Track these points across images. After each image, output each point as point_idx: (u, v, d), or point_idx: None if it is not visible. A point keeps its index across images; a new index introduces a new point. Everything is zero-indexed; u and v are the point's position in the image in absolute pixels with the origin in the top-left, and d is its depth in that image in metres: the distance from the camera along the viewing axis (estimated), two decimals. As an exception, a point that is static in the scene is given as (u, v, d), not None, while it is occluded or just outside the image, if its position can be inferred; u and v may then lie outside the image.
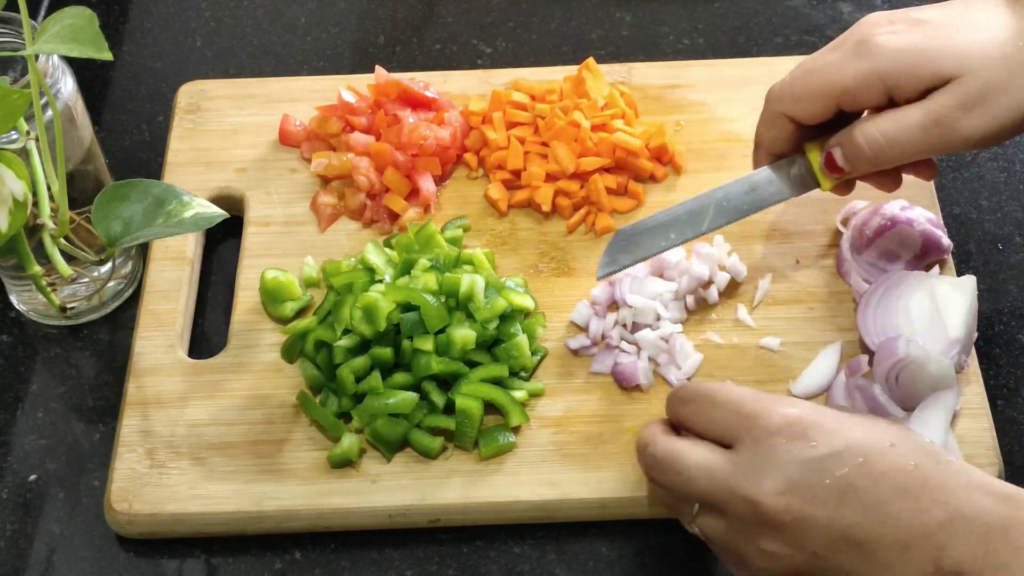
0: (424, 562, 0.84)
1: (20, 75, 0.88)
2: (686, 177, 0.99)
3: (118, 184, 0.83)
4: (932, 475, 0.69)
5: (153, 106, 1.08)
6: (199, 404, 0.88)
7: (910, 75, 0.76)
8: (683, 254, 0.93)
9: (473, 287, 0.86)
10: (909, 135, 0.76)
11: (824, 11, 1.13)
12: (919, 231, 0.90)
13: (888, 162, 0.78)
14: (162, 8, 1.16)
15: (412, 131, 0.97)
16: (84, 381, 0.93)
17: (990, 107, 0.74)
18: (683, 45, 1.11)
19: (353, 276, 0.89)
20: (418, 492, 0.84)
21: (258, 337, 0.92)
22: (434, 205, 0.98)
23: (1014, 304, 0.95)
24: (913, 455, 0.70)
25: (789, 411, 0.72)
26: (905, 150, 0.77)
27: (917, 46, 0.77)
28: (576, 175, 0.97)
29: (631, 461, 0.85)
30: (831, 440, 0.70)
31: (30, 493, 0.87)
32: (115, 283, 0.95)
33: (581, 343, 0.90)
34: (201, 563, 0.84)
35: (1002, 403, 0.89)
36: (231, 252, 0.98)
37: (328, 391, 0.88)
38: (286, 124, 1.02)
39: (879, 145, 0.77)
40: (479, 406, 0.85)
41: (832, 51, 0.82)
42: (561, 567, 0.83)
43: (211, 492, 0.84)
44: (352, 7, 1.16)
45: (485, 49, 1.12)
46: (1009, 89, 0.74)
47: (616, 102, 0.99)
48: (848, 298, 0.92)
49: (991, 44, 0.74)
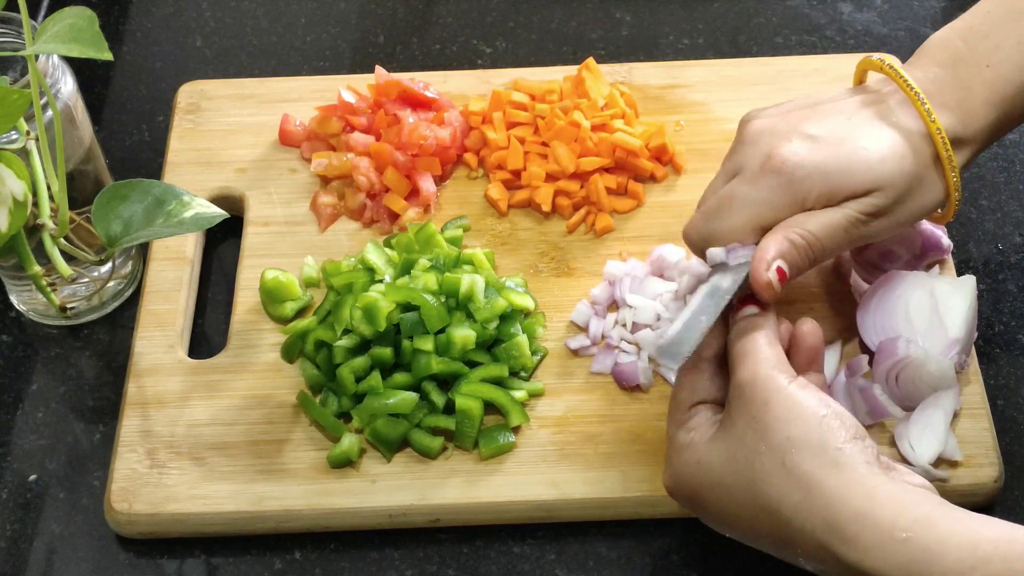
0: (424, 562, 0.84)
1: (20, 75, 0.88)
2: (686, 177, 0.99)
3: (118, 184, 0.83)
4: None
5: (153, 106, 1.08)
6: (199, 404, 0.88)
7: (830, 194, 0.79)
8: (683, 254, 0.93)
9: (473, 287, 0.86)
10: (834, 235, 0.80)
11: (824, 11, 1.13)
12: (919, 231, 0.90)
13: (818, 262, 0.81)
14: (162, 8, 1.16)
15: (412, 131, 0.97)
16: (84, 381, 0.93)
17: (896, 214, 0.81)
18: (683, 45, 1.11)
19: (353, 276, 0.89)
20: (418, 492, 0.84)
21: (258, 337, 0.92)
22: (434, 205, 0.98)
23: (1014, 304, 0.95)
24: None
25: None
26: (831, 249, 0.80)
27: (831, 166, 0.79)
28: (576, 175, 0.97)
29: (631, 461, 0.85)
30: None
31: (30, 493, 0.87)
32: (115, 283, 0.95)
33: (581, 343, 0.90)
34: (201, 563, 0.84)
35: (1002, 403, 0.89)
36: (231, 252, 0.98)
37: (328, 391, 0.88)
38: (286, 124, 1.02)
39: (817, 246, 0.80)
40: (479, 406, 0.85)
41: (742, 181, 0.81)
42: (561, 567, 0.83)
43: (211, 492, 0.84)
44: (352, 7, 1.16)
45: (485, 49, 1.12)
46: (912, 197, 0.81)
47: (616, 102, 0.99)
48: (848, 298, 0.92)
49: (894, 158, 0.80)
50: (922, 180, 0.81)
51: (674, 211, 0.97)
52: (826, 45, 1.11)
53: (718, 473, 0.74)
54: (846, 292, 0.92)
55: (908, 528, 0.68)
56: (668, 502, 0.83)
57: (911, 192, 0.80)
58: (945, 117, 0.81)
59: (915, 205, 0.81)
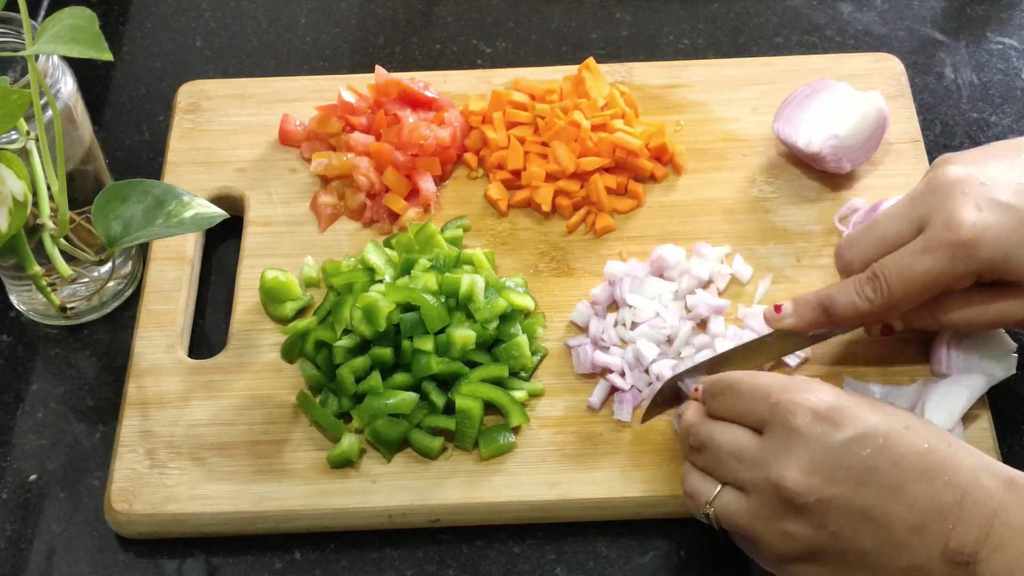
0: (424, 562, 0.84)
1: (20, 75, 0.88)
2: (686, 177, 0.99)
3: (118, 184, 0.83)
4: (944, 457, 0.72)
5: (153, 106, 1.08)
6: (199, 404, 0.88)
7: (1008, 272, 0.79)
8: (683, 254, 0.93)
9: (473, 287, 0.86)
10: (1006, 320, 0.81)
11: (824, 11, 1.13)
12: None
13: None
14: (162, 8, 1.16)
15: (412, 131, 0.97)
16: (84, 381, 0.93)
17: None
18: (683, 45, 1.11)
19: (353, 276, 0.89)
20: (418, 492, 0.84)
21: (258, 337, 0.92)
22: (434, 205, 0.98)
23: (1014, 304, 0.94)
24: (926, 437, 0.73)
25: (812, 397, 0.74)
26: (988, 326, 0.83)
27: (1013, 240, 0.78)
28: (576, 175, 0.97)
29: (630, 461, 0.85)
30: (854, 423, 0.73)
31: (30, 493, 0.87)
32: (115, 283, 0.95)
33: (581, 343, 0.90)
34: (201, 563, 0.84)
35: (1002, 403, 0.89)
36: (231, 252, 0.98)
37: (328, 391, 0.88)
38: (286, 124, 1.02)
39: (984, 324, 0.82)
40: (479, 406, 0.85)
41: (924, 251, 0.79)
42: (561, 567, 0.83)
43: (211, 492, 0.84)
44: (352, 7, 1.16)
45: (485, 49, 1.12)
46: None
47: (616, 102, 0.99)
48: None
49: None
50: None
51: (674, 211, 0.97)
52: (826, 45, 1.11)
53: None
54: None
55: None
56: (668, 502, 0.83)
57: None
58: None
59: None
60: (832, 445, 0.72)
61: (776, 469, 0.72)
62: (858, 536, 0.71)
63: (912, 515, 0.70)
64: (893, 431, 0.72)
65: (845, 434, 0.72)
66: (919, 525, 0.70)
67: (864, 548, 0.71)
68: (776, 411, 0.74)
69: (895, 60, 1.04)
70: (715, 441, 0.76)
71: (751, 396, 0.76)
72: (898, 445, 0.72)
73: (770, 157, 1.00)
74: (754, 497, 0.74)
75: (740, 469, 0.74)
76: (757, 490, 0.74)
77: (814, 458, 0.72)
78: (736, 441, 0.75)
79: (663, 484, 0.84)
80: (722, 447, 0.75)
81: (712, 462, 0.76)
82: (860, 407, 0.74)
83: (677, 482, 0.83)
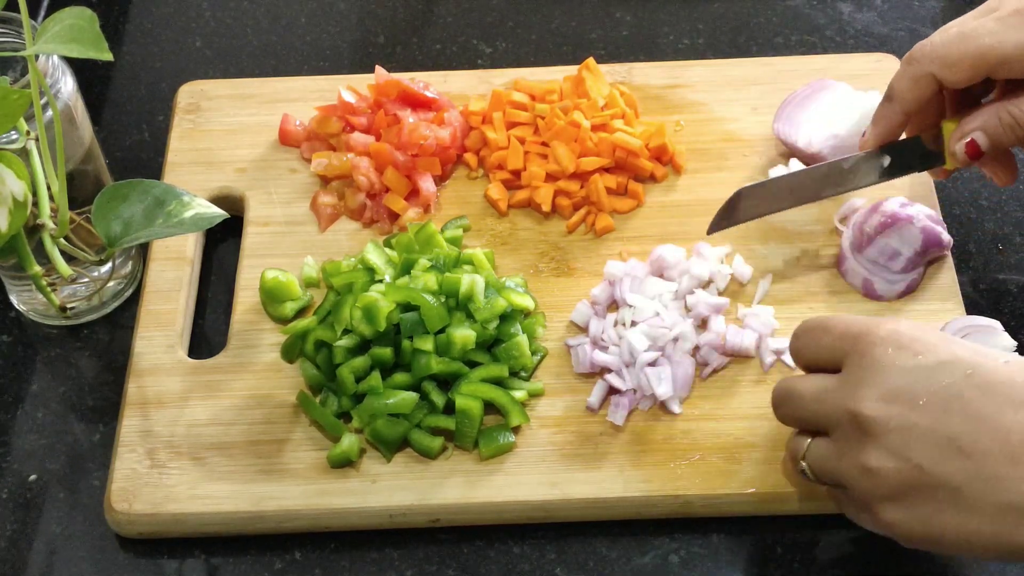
0: (424, 562, 0.84)
1: (20, 75, 0.88)
2: (686, 177, 0.99)
3: (118, 184, 0.83)
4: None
5: (153, 106, 1.08)
6: (199, 404, 0.88)
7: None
8: (683, 254, 0.93)
9: (473, 287, 0.86)
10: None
11: (824, 11, 1.13)
12: (919, 227, 0.90)
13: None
14: (162, 8, 1.16)
15: (412, 131, 0.97)
16: (84, 381, 0.93)
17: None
18: (683, 45, 1.11)
19: (353, 276, 0.89)
20: (418, 492, 0.84)
21: (258, 337, 0.92)
22: (434, 205, 0.98)
23: (1014, 304, 0.95)
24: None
25: (896, 327, 0.72)
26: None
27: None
28: (576, 175, 0.97)
29: (631, 461, 0.85)
30: (937, 352, 0.70)
31: (30, 493, 0.87)
32: (115, 283, 0.95)
33: (581, 343, 0.90)
34: (201, 563, 0.84)
35: (1002, 403, 0.89)
36: (231, 252, 0.98)
37: (328, 391, 0.88)
38: (286, 124, 1.02)
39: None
40: (479, 406, 0.85)
41: (986, 17, 0.80)
42: (561, 567, 0.83)
43: (211, 492, 0.84)
44: (352, 7, 1.16)
45: (485, 49, 1.12)
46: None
47: (616, 102, 0.99)
48: (848, 298, 0.92)
49: None
50: None
51: (674, 211, 0.97)
52: (826, 45, 1.11)
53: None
54: (846, 292, 0.92)
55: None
56: (668, 502, 0.83)
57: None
58: None
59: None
60: (912, 371, 0.70)
61: (854, 398, 0.71)
62: (946, 468, 0.68)
63: (1007, 447, 0.67)
64: (985, 363, 0.69)
65: (927, 361, 0.70)
66: (1015, 457, 0.67)
67: (954, 483, 0.68)
68: (857, 343, 0.72)
69: (895, 60, 1.04)
70: (797, 390, 0.75)
71: (835, 332, 0.74)
72: (990, 375, 0.69)
73: (770, 157, 1.00)
74: (837, 435, 0.72)
75: (822, 411, 0.73)
76: (839, 428, 0.72)
77: (893, 384, 0.70)
78: (816, 384, 0.74)
79: (663, 484, 0.84)
80: (804, 394, 0.75)
81: (798, 413, 0.75)
82: (948, 340, 0.71)
83: (677, 482, 0.83)
